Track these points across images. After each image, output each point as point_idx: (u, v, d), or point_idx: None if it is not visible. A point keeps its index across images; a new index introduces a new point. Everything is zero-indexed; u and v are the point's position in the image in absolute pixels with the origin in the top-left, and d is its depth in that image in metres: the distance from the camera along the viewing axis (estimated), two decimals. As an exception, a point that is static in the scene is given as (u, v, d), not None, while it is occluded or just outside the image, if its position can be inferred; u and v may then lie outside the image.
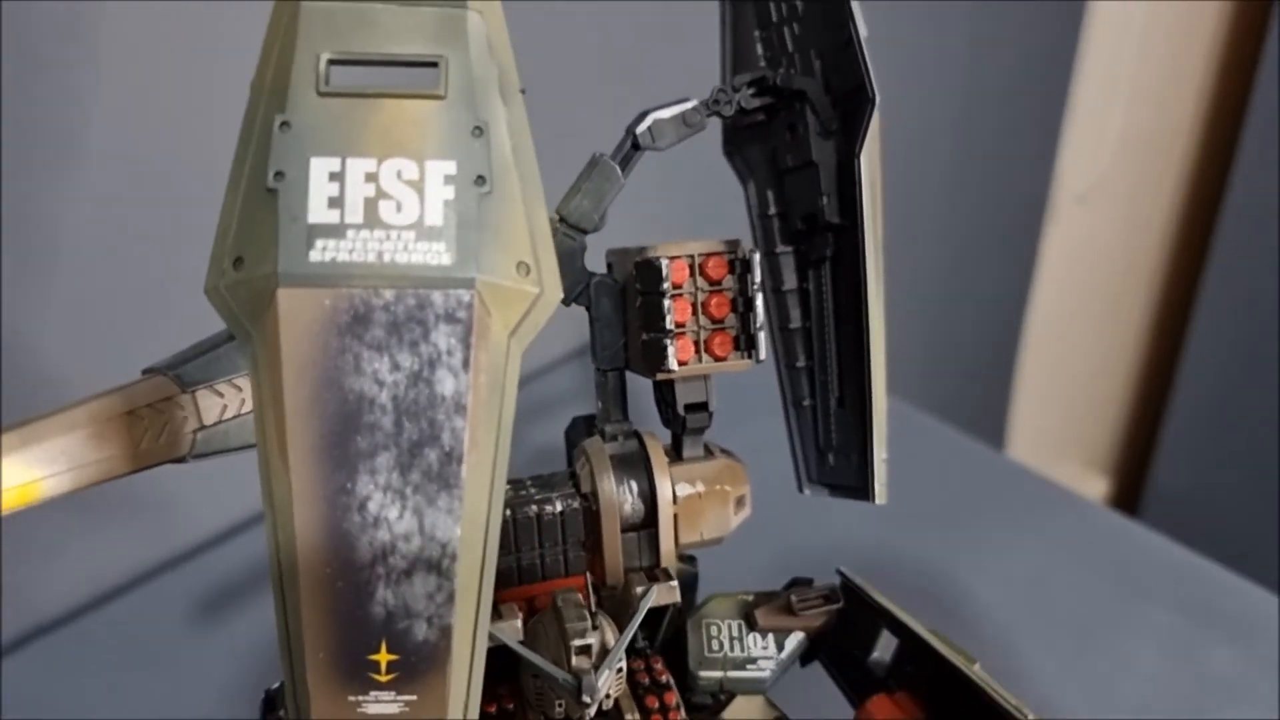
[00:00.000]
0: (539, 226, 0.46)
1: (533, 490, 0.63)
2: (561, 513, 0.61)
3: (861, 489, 0.63)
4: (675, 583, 0.58)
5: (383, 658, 0.45)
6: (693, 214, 0.71)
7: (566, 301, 0.61)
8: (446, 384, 0.44)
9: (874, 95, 0.57)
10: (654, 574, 0.59)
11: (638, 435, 0.64)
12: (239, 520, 1.34)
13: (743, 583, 0.68)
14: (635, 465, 0.62)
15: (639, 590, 0.57)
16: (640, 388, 0.67)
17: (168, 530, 1.31)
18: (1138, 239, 2.42)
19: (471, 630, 0.46)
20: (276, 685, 0.59)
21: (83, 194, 1.10)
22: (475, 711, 0.47)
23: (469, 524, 0.45)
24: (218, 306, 0.45)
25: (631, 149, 0.61)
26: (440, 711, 0.46)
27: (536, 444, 0.73)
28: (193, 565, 1.30)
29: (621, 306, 0.62)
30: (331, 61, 0.45)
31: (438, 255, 0.44)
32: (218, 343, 0.52)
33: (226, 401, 0.52)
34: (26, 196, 1.07)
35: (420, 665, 0.45)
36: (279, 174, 0.43)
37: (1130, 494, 2.57)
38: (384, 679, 0.45)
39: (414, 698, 0.45)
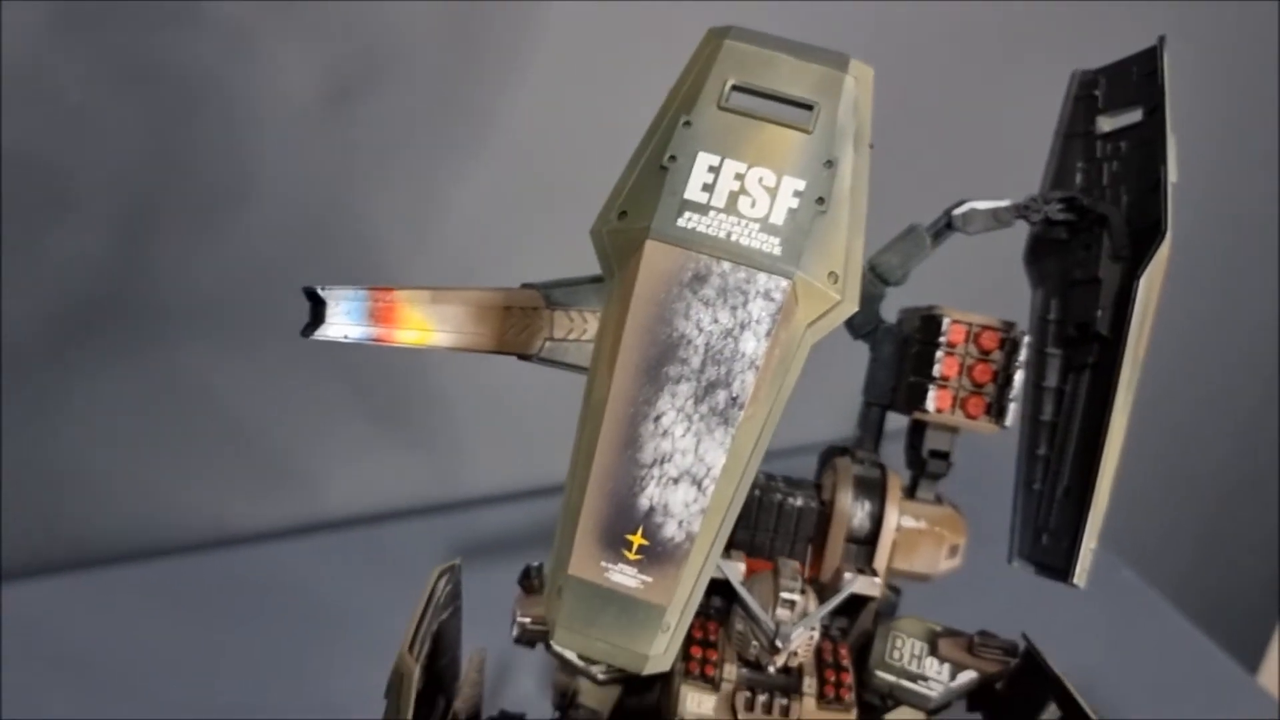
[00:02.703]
0: (854, 251, 0.56)
1: (782, 485, 0.73)
2: (800, 508, 0.71)
3: (1064, 571, 0.69)
4: (879, 579, 0.67)
5: (636, 540, 0.54)
6: (982, 294, 0.81)
7: (856, 336, 0.72)
8: (749, 345, 0.54)
9: (1165, 229, 0.66)
10: (862, 569, 0.68)
11: (882, 467, 0.73)
12: (521, 488, 1.48)
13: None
14: (873, 489, 0.72)
15: (846, 576, 0.67)
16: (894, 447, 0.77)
17: (453, 474, 1.47)
18: None
19: (709, 544, 0.55)
20: (537, 564, 0.71)
21: (479, 170, 1.29)
22: (690, 614, 0.56)
23: (733, 459, 0.54)
24: (596, 245, 0.57)
25: (945, 227, 0.72)
26: (665, 599, 0.54)
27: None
28: (468, 515, 1.44)
29: (900, 354, 0.72)
30: (734, 87, 0.57)
31: (772, 246, 0.54)
32: (581, 281, 0.64)
33: (573, 326, 0.64)
34: (438, 165, 1.28)
35: (663, 556, 0.54)
36: (672, 158, 0.55)
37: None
38: (632, 557, 0.54)
39: (649, 580, 0.54)
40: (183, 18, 1.14)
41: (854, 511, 0.71)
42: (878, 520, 0.71)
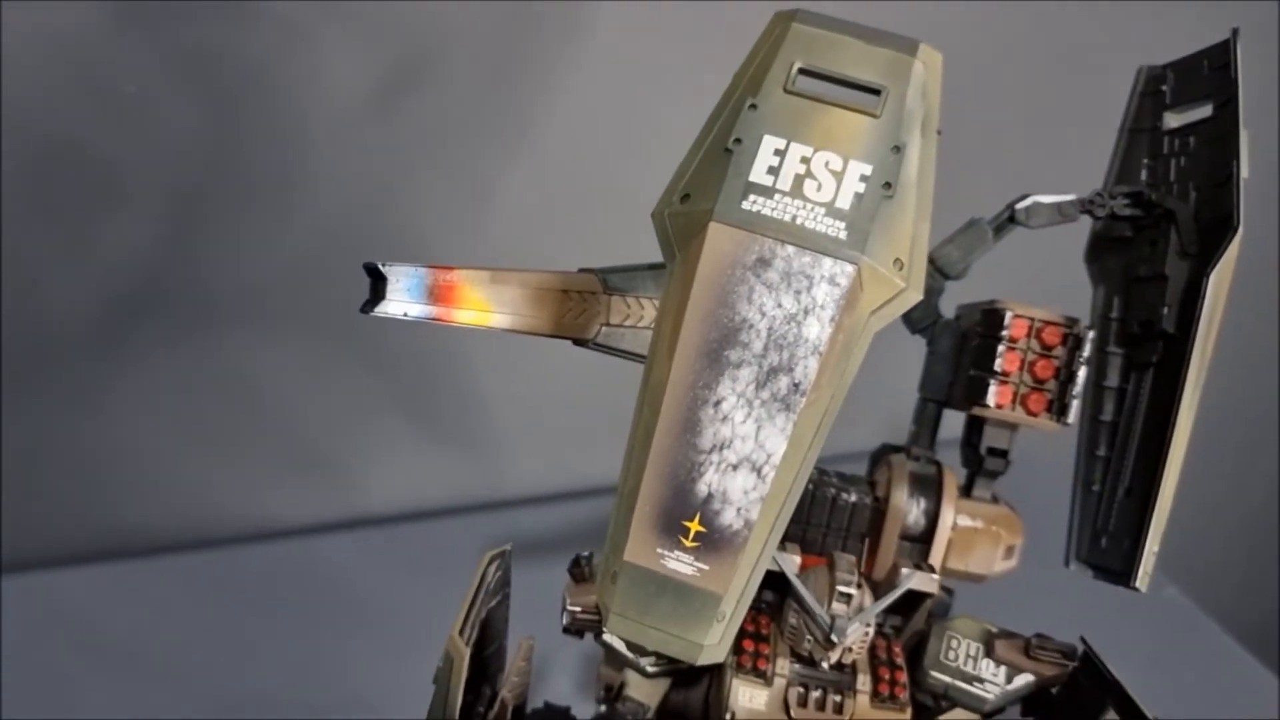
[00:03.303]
0: (919, 238, 0.55)
1: (835, 480, 0.72)
2: (854, 503, 0.70)
3: (1124, 574, 0.68)
4: (936, 575, 0.66)
5: (694, 526, 0.53)
6: (1040, 291, 0.80)
7: (914, 330, 0.71)
8: (812, 330, 0.53)
9: (1238, 225, 0.64)
10: (919, 565, 0.67)
11: (937, 464, 0.72)
12: (560, 490, 1.47)
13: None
14: (928, 486, 0.71)
15: (904, 571, 0.66)
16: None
17: (494, 474, 1.48)
18: None
19: (767, 533, 0.54)
20: (587, 552, 0.70)
21: (525, 168, 1.30)
22: (746, 603, 0.54)
23: (793, 446, 0.53)
24: (657, 227, 0.56)
25: (1007, 220, 0.70)
26: (722, 587, 0.53)
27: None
28: (507, 515, 1.44)
29: (958, 349, 0.71)
30: (801, 70, 0.56)
31: (837, 230, 0.53)
32: (639, 267, 0.63)
33: (630, 312, 0.63)
34: (483, 162, 1.29)
35: (720, 544, 0.53)
36: (737, 140, 0.55)
37: None
38: (689, 544, 0.53)
39: (706, 568, 0.53)
40: (236, 12, 1.15)
41: (909, 508, 0.70)
42: (933, 518, 0.70)
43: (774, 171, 0.54)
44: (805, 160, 0.54)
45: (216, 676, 1.18)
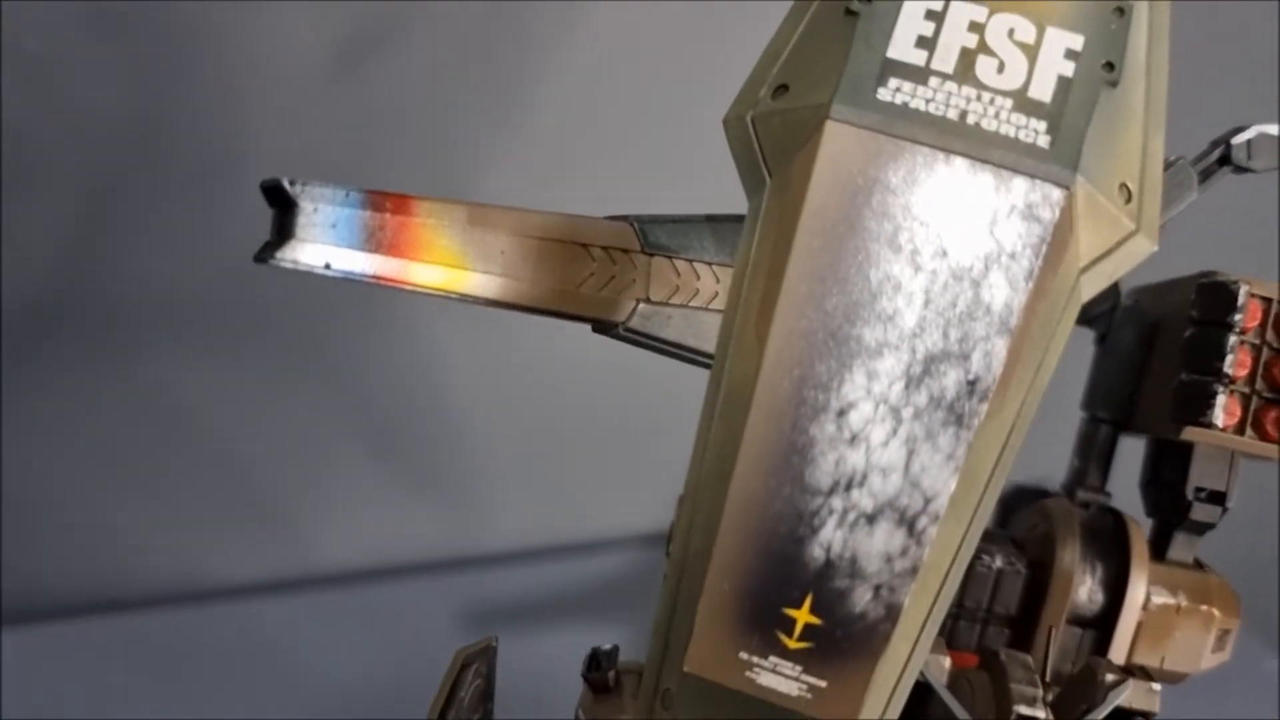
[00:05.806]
0: (1152, 156, 0.39)
1: None
2: (1000, 570, 0.51)
3: None
4: (1157, 686, 0.46)
5: (801, 616, 0.36)
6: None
7: (1082, 319, 0.52)
8: (999, 293, 0.37)
9: None
10: (1130, 669, 0.47)
11: (1115, 513, 0.53)
12: (554, 543, 1.35)
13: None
14: (1107, 545, 0.52)
15: (1109, 678, 0.45)
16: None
17: (471, 524, 1.34)
18: None
19: (919, 625, 0.37)
20: (608, 647, 0.51)
21: (514, 147, 1.18)
22: None
23: (965, 483, 0.36)
24: (734, 140, 0.40)
25: (1217, 162, 0.51)
26: (850, 713, 0.36)
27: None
28: (487, 574, 1.31)
29: (1145, 346, 0.52)
30: None
31: (1033, 135, 0.37)
32: (693, 219, 0.48)
33: (680, 283, 0.46)
34: (465, 139, 1.17)
35: (845, 644, 0.36)
36: None
37: None
38: (792, 645, 0.37)
39: (822, 684, 0.37)
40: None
41: (1081, 579, 0.50)
42: (1114, 591, 0.51)
43: (927, 43, 0.38)
44: (977, 26, 0.38)
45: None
